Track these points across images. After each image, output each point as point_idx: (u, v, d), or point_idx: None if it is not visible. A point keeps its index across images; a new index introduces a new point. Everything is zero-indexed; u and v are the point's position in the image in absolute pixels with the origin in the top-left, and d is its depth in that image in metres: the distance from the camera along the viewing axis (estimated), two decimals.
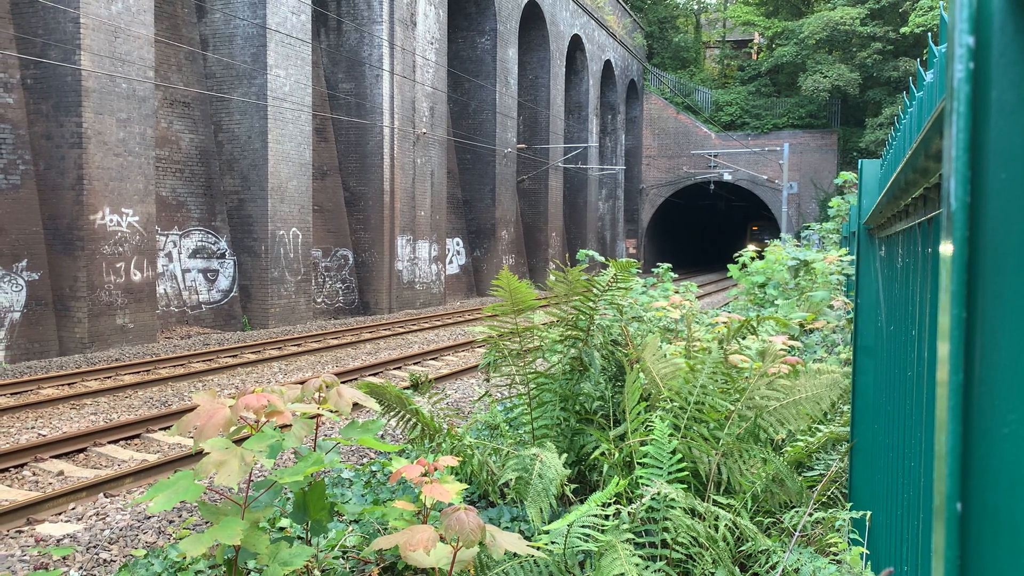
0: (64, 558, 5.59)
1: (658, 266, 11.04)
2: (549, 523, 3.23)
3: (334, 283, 23.22)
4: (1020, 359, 0.63)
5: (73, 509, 6.71)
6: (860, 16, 39.20)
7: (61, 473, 7.88)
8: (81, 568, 5.49)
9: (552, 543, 3.04)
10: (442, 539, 2.55)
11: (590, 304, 4.38)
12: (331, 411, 2.86)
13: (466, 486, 2.98)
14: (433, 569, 2.74)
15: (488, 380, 4.86)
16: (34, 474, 7.87)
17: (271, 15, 19.10)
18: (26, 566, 5.47)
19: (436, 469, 2.79)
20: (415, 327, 19.98)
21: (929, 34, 2.17)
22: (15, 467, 7.94)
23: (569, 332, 4.43)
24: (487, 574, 2.98)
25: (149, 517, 6.40)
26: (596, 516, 3.04)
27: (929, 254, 1.78)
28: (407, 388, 4.56)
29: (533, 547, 2.76)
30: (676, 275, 11.52)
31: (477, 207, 30.39)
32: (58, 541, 5.98)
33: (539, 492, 3.31)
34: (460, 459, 3.86)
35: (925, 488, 1.79)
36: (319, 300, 22.54)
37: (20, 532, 6.18)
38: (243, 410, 2.60)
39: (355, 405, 2.94)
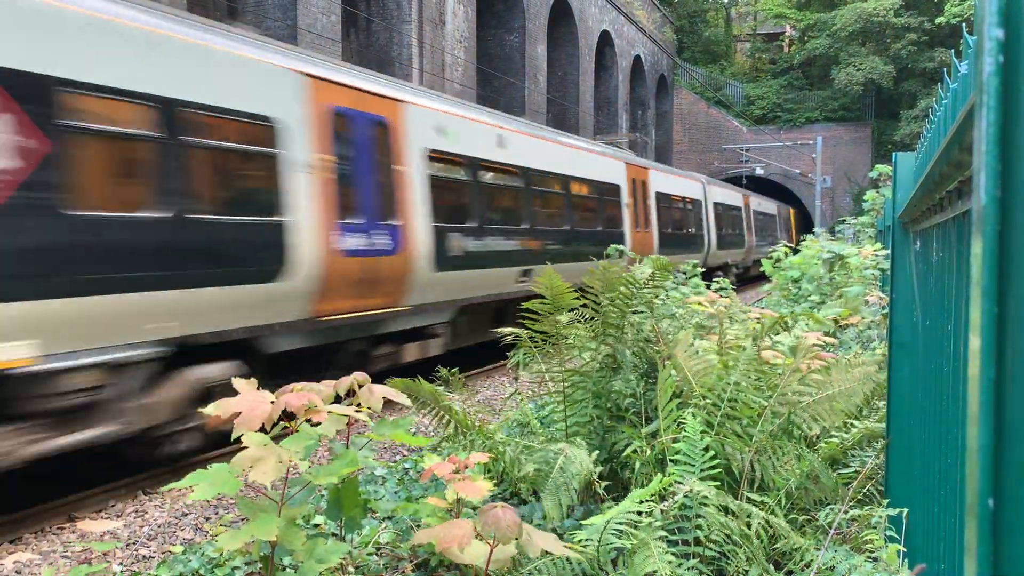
0: (105, 553, 5.70)
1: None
2: (580, 519, 3.23)
3: None
4: None
5: (113, 506, 6.83)
6: (894, 7, 38.59)
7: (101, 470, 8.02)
8: (121, 564, 5.58)
9: (588, 540, 3.04)
10: (478, 536, 2.57)
11: (626, 301, 4.37)
12: (367, 409, 2.89)
13: (494, 483, 2.99)
14: (467, 566, 2.76)
15: (517, 379, 4.88)
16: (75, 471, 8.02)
17: (301, 16, 19.26)
18: (68, 562, 5.58)
19: (467, 467, 2.80)
20: None
21: (964, 24, 2.14)
22: None
23: (606, 328, 4.43)
24: (520, 571, 2.99)
25: (187, 514, 6.50)
26: (629, 513, 3.03)
27: (964, 248, 1.76)
28: (439, 385, 4.59)
29: (569, 548, 2.77)
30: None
31: None
32: (99, 537, 6.09)
33: (558, 485, 3.30)
34: (492, 456, 3.88)
35: (961, 485, 1.77)
36: None
37: (62, 529, 6.31)
38: (283, 407, 2.64)
39: (388, 403, 2.97)
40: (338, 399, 2.96)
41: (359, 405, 2.89)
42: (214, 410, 2.66)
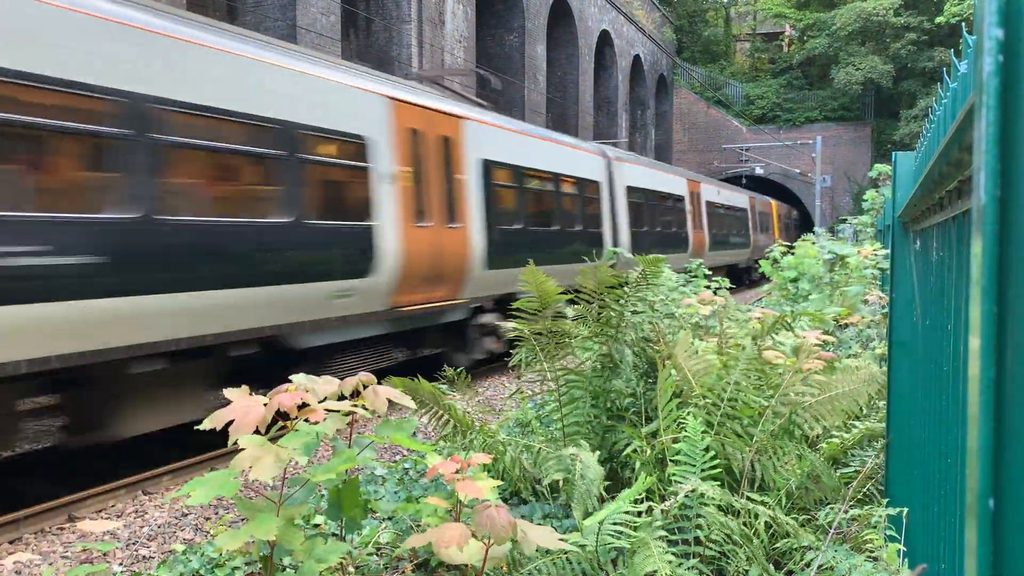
0: (104, 553, 5.70)
1: (689, 262, 11.00)
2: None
3: None
4: None
5: (113, 506, 6.83)
6: (893, 6, 38.64)
7: (101, 470, 8.02)
8: (121, 564, 5.59)
9: (584, 540, 3.04)
10: (474, 536, 2.57)
11: (620, 301, 4.37)
12: (364, 408, 2.89)
13: (499, 483, 2.99)
14: (466, 565, 2.76)
15: (520, 378, 4.88)
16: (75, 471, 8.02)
17: (301, 16, 19.27)
18: (68, 562, 5.58)
19: (470, 466, 2.80)
20: None
21: (963, 24, 2.14)
22: None
23: (602, 328, 4.43)
24: (519, 571, 2.99)
25: (187, 514, 6.50)
26: (628, 513, 3.04)
27: (964, 248, 1.76)
28: (442, 384, 4.59)
29: (563, 540, 2.77)
30: (708, 271, 11.46)
31: None
32: (98, 537, 6.09)
33: (583, 493, 3.32)
34: (492, 456, 3.88)
35: (961, 485, 1.77)
36: None
37: (62, 529, 6.31)
38: (277, 408, 2.63)
39: (390, 403, 2.96)
40: (342, 402, 2.96)
41: (363, 407, 2.89)
42: (210, 423, 2.66)
